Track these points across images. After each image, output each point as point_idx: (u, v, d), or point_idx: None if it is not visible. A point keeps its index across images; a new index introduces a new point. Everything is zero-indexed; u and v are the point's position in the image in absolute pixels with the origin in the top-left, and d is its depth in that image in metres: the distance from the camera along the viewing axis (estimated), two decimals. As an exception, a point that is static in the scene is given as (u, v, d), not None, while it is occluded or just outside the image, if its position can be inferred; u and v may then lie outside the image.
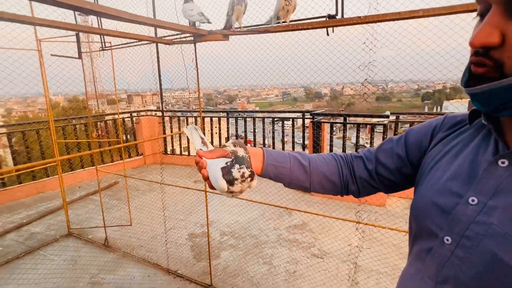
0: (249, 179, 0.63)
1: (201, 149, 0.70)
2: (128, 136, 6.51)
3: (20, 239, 3.44)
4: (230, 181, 0.63)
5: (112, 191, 4.88)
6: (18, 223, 3.76)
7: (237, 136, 5.96)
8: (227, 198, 4.24)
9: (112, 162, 5.91)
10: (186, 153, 6.42)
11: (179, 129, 6.35)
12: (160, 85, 5.94)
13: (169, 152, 6.55)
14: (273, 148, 5.70)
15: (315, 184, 0.76)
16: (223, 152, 0.68)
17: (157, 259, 2.98)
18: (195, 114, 6.43)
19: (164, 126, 6.31)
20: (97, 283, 2.67)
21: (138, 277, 2.73)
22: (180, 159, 6.31)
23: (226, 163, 0.63)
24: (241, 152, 0.65)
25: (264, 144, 5.90)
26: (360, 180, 0.76)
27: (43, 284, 2.64)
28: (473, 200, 0.53)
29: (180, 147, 6.45)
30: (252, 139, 6.13)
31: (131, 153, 6.33)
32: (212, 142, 5.72)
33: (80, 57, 3.16)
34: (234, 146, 0.66)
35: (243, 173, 0.63)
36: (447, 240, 0.55)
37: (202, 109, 2.71)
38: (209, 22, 1.87)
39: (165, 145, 6.50)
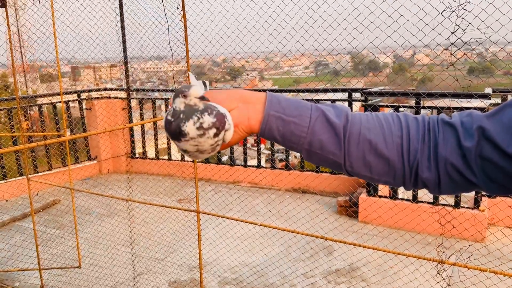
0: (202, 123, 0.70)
1: None
2: (74, 130, 6.64)
3: None
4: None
5: (51, 215, 4.90)
6: None
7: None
8: (228, 228, 4.27)
9: (50, 170, 5.99)
10: (166, 156, 6.45)
11: (155, 116, 6.36)
12: (125, 49, 5.98)
13: (138, 156, 6.59)
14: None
15: (355, 159, 0.72)
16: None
17: (122, 319, 3.04)
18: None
19: (130, 114, 6.36)
20: None
21: None
22: (157, 166, 6.29)
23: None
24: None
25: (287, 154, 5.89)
26: (445, 164, 0.69)
27: None
28: None
29: (156, 148, 6.44)
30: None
31: (80, 156, 6.40)
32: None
33: (3, 4, 3.25)
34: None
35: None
36: None
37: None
38: None
39: (133, 144, 6.54)
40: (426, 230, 4.14)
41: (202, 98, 0.71)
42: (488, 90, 4.07)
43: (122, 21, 5.93)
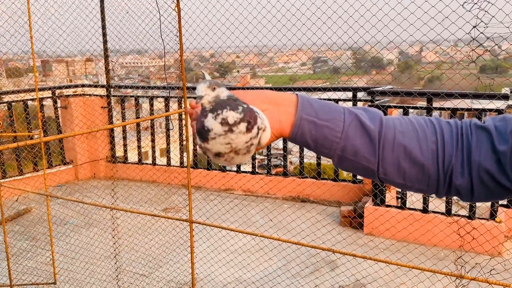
0: (241, 124, 0.67)
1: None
2: (48, 131, 6.38)
3: None
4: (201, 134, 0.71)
5: (22, 225, 4.79)
6: None
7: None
8: (225, 239, 4.16)
9: (20, 175, 5.77)
10: (149, 161, 6.33)
11: (138, 115, 6.31)
12: (105, 41, 5.77)
13: (119, 159, 6.45)
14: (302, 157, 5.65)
15: (389, 165, 0.74)
16: None
17: None
18: (172, 94, 6.30)
19: (110, 113, 6.19)
20: None
21: None
22: (140, 171, 6.18)
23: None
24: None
25: (285, 154, 5.79)
26: (478, 169, 0.70)
27: None
28: None
29: (139, 151, 6.30)
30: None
31: (53, 160, 6.18)
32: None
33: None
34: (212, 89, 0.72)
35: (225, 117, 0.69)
36: None
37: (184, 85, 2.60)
38: None
39: (113, 147, 6.42)
40: (442, 243, 4.03)
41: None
42: (506, 90, 4.03)
43: (102, 9, 5.72)
